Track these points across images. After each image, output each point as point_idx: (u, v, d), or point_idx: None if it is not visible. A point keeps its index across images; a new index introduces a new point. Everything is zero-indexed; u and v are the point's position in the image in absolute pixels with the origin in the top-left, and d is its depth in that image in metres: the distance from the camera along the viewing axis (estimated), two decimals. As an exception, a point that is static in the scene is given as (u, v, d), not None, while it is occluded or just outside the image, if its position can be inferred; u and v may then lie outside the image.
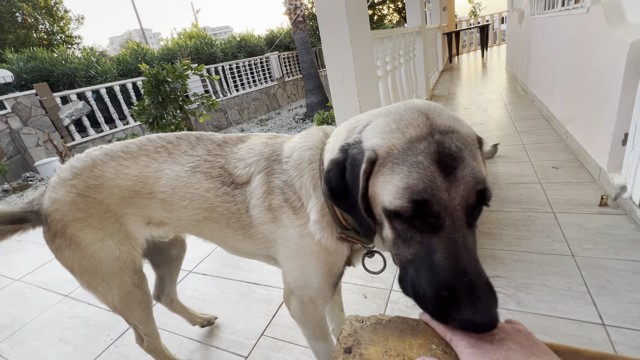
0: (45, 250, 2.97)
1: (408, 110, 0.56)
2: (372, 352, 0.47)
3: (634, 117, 1.63)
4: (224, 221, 0.90)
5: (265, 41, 15.23)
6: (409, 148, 0.50)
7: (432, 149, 0.49)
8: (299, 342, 1.39)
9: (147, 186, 0.92)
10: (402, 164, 0.50)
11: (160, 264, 1.34)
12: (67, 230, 0.93)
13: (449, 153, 0.49)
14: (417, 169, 0.48)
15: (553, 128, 3.07)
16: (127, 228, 0.98)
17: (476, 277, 0.45)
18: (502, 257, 1.58)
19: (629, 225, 1.61)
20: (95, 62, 10.53)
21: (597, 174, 2.04)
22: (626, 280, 1.32)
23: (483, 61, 9.41)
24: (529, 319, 1.25)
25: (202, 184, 0.89)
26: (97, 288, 1.02)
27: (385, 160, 0.52)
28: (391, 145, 0.52)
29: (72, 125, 8.15)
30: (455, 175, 0.48)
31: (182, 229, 1.01)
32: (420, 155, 0.49)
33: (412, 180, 0.48)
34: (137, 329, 1.18)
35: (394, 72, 3.17)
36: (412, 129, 0.52)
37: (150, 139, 0.98)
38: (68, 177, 0.94)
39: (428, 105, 0.57)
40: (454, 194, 0.47)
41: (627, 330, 1.13)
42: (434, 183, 0.47)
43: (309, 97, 10.03)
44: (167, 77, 3.23)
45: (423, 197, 0.47)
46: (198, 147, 0.95)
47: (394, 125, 0.54)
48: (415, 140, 0.51)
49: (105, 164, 0.94)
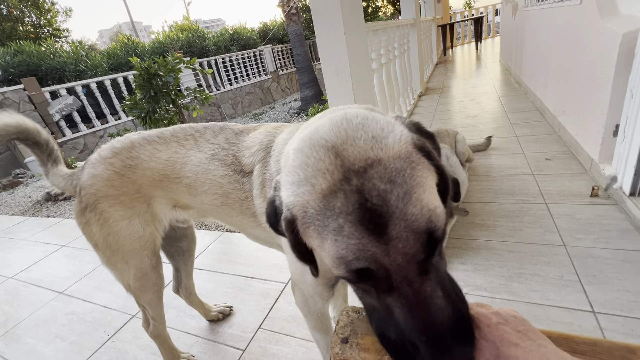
0: (38, 248, 2.94)
1: (313, 148, 0.44)
2: (368, 342, 0.47)
3: (625, 109, 1.65)
4: (237, 207, 0.94)
5: (259, 34, 15.04)
6: (324, 207, 0.41)
7: (350, 206, 0.39)
8: (296, 334, 1.40)
9: (175, 170, 0.97)
10: (324, 229, 0.41)
11: (173, 254, 1.38)
12: (98, 205, 0.98)
13: (372, 207, 0.38)
14: (341, 237, 0.39)
15: (546, 120, 3.09)
16: (154, 209, 1.04)
17: (439, 332, 0.39)
18: (496, 248, 1.60)
19: (619, 215, 1.64)
20: (85, 56, 10.30)
21: (589, 165, 2.07)
22: (616, 268, 1.35)
23: (477, 54, 9.41)
24: (521, 308, 1.27)
25: (218, 171, 0.94)
26: (116, 265, 1.06)
27: (305, 221, 0.43)
28: (304, 204, 0.42)
29: (63, 120, 8.00)
30: (388, 235, 0.38)
31: (206, 213, 1.06)
32: (339, 218, 0.39)
33: (342, 251, 0.40)
34: (145, 311, 1.22)
35: (388, 65, 3.16)
36: (321, 178, 0.41)
37: (182, 127, 1.04)
38: (108, 156, 1.00)
39: (337, 131, 0.44)
40: (394, 254, 0.39)
41: (616, 317, 1.16)
42: (366, 250, 0.39)
43: (304, 91, 9.97)
44: (159, 70, 3.18)
45: (359, 266, 0.40)
46: (219, 135, 0.99)
47: (301, 173, 0.44)
48: (328, 195, 0.41)
49: (142, 146, 1.00)
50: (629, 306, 1.19)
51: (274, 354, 1.33)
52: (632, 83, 1.57)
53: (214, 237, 2.33)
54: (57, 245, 2.78)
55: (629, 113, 1.61)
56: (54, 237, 2.97)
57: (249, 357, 1.34)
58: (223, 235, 2.34)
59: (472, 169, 2.43)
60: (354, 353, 0.46)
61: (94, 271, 2.24)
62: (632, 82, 1.57)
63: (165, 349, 1.32)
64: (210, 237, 2.35)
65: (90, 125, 8.46)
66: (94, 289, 2.05)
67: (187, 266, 1.42)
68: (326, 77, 2.12)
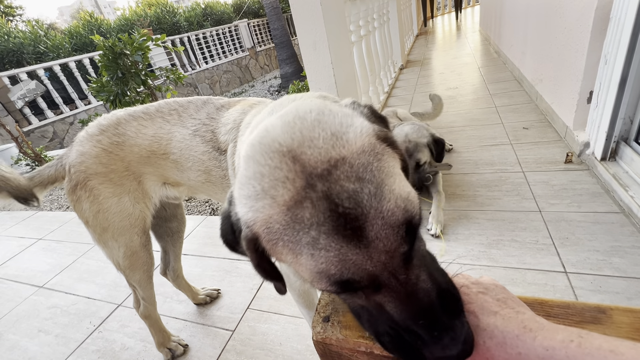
0: (12, 242, 2.83)
1: (266, 154, 0.39)
2: (349, 319, 0.47)
3: (599, 75, 1.67)
4: (219, 184, 0.94)
5: (233, 8, 14.28)
6: (291, 220, 0.37)
7: (321, 215, 0.35)
8: (284, 312, 1.42)
9: (161, 147, 0.96)
10: (296, 244, 0.37)
11: (162, 235, 1.37)
12: (88, 183, 0.98)
13: (345, 212, 0.35)
14: (318, 250, 0.36)
15: (524, 89, 3.13)
16: (145, 187, 1.03)
17: (433, 313, 0.38)
18: (476, 217, 1.64)
19: (591, 180, 1.70)
20: (44, 36, 9.53)
21: (564, 133, 2.12)
22: (587, 230, 1.41)
23: (457, 24, 9.30)
24: (500, 273, 1.33)
25: (200, 147, 0.92)
26: (106, 243, 1.06)
27: (270, 238, 0.39)
28: (266, 219, 0.38)
29: (27, 107, 7.49)
30: (367, 239, 0.36)
31: (195, 190, 1.06)
32: (311, 231, 0.36)
33: (320, 265, 0.37)
34: (136, 291, 1.22)
35: (368, 37, 3.07)
36: (281, 188, 0.37)
37: (167, 102, 1.03)
38: (95, 133, 0.98)
39: (291, 132, 0.39)
40: (377, 255, 0.36)
41: (586, 275, 1.23)
42: (348, 260, 0.36)
43: (283, 67, 9.65)
44: (125, 49, 2.97)
45: (343, 278, 0.37)
46: (202, 110, 0.97)
47: (257, 185, 0.38)
48: (293, 206, 0.36)
49: (127, 123, 0.99)
50: (598, 265, 1.26)
51: (263, 332, 1.35)
52: (607, 49, 1.59)
53: (198, 221, 2.29)
54: (33, 238, 2.67)
55: (602, 79, 1.64)
56: (29, 231, 2.85)
57: (239, 337, 1.36)
58: (207, 220, 2.31)
59: (453, 141, 2.45)
60: (336, 331, 0.46)
61: (75, 263, 2.18)
62: (607, 47, 1.59)
63: (156, 330, 1.31)
64: (194, 221, 2.31)
65: (58, 112, 7.98)
66: (76, 280, 2.00)
67: (176, 248, 1.41)
68: (303, 51, 2.04)
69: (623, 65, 1.47)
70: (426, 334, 0.37)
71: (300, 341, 1.28)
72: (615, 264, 1.25)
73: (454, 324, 0.38)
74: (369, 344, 0.43)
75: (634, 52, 1.43)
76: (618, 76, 1.51)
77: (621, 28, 1.46)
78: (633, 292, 1.14)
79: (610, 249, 1.31)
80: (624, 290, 1.15)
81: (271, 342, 1.31)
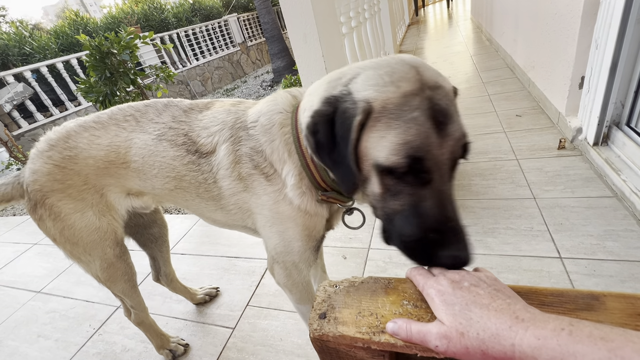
0: (7, 248, 2.80)
1: (399, 64, 0.55)
2: (346, 315, 0.47)
3: (590, 60, 1.67)
4: (193, 190, 0.91)
5: (222, 2, 14.01)
6: (404, 103, 0.50)
7: (425, 105, 0.50)
8: (284, 307, 1.42)
9: (119, 156, 0.92)
10: (398, 119, 0.50)
11: (145, 243, 1.33)
12: (46, 201, 0.95)
13: (440, 109, 0.50)
14: (414, 125, 0.49)
15: (516, 77, 3.12)
16: (108, 199, 0.99)
17: (458, 222, 0.51)
18: (472, 207, 1.65)
19: (584, 165, 1.72)
20: (29, 36, 9.30)
21: (556, 119, 2.13)
22: (580, 215, 1.43)
23: (449, 12, 9.24)
24: (496, 261, 1.34)
25: (168, 152, 0.89)
26: (80, 258, 1.03)
27: (380, 115, 0.51)
28: (386, 99, 0.51)
29: (15, 111, 7.36)
30: (446, 132, 0.50)
31: (160, 198, 1.02)
32: (416, 111, 0.49)
33: (410, 136, 0.49)
34: (123, 301, 1.21)
35: (359, 28, 3.03)
36: (405, 83, 0.52)
37: (120, 108, 0.98)
38: (45, 149, 0.94)
39: (416, 60, 0.57)
40: (444, 150, 0.50)
41: (580, 260, 1.25)
42: (430, 139, 0.49)
43: (275, 62, 9.54)
44: (112, 48, 2.91)
45: (419, 154, 0.49)
46: (164, 114, 0.93)
47: (387, 78, 0.53)
48: (409, 95, 0.51)
49: (78, 134, 0.94)
50: (592, 249, 1.27)
51: (263, 328, 1.36)
52: (597, 33, 1.58)
53: (194, 221, 2.28)
54: (28, 244, 2.64)
55: (593, 64, 1.64)
56: (23, 236, 2.82)
57: (239, 335, 1.36)
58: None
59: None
60: (332, 327, 0.46)
61: (71, 267, 2.16)
62: (597, 32, 1.58)
63: (152, 334, 1.31)
64: (191, 221, 2.30)
65: (47, 114, 7.83)
66: (74, 284, 1.99)
67: (163, 252, 1.38)
68: (294, 44, 2.01)
69: (614, 49, 1.47)
70: (450, 235, 0.49)
71: (301, 336, 1.29)
72: (609, 247, 1.26)
73: (468, 237, 0.50)
74: (365, 339, 0.43)
75: (624, 37, 1.43)
76: (609, 61, 1.51)
77: (611, 12, 1.46)
78: (626, 275, 1.16)
79: (603, 233, 1.32)
80: (618, 273, 1.17)
81: (272, 337, 1.31)
